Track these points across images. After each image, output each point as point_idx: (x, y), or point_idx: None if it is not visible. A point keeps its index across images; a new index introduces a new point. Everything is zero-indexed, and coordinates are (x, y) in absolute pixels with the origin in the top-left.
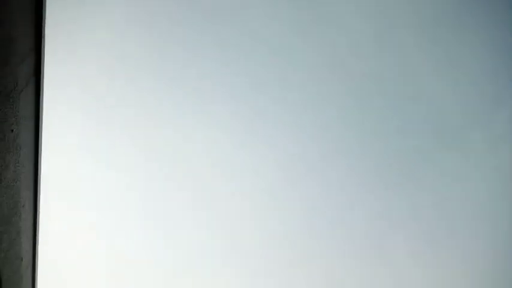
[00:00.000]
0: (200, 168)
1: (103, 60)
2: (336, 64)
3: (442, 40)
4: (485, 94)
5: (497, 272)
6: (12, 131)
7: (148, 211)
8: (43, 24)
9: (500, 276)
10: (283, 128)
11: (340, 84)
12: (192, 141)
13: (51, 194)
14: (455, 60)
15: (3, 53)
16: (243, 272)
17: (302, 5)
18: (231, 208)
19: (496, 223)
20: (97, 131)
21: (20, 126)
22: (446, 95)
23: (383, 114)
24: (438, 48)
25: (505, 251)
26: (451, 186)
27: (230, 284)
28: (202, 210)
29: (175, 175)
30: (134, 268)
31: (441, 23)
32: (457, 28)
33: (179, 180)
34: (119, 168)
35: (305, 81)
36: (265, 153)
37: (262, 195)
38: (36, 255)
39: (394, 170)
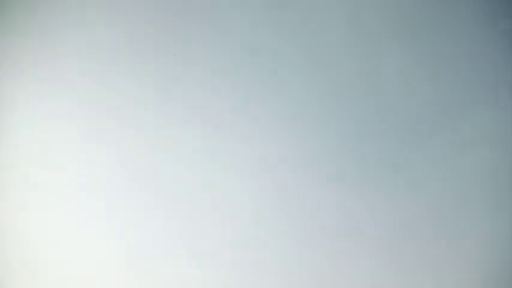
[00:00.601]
0: (191, 174)
1: (65, 59)
2: (322, 64)
3: (430, 37)
4: (476, 88)
5: (497, 273)
6: None
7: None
8: None
9: (501, 277)
10: (272, 130)
11: (327, 85)
12: (182, 145)
13: (4, 199)
14: (446, 56)
15: None
16: (244, 273)
17: (287, 5)
18: (231, 209)
19: (497, 223)
20: (57, 134)
21: None
22: (440, 89)
23: (372, 113)
24: (426, 45)
25: (507, 251)
26: (448, 185)
27: (231, 284)
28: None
29: (159, 178)
30: (86, 269)
31: (428, 19)
32: (444, 25)
33: (165, 185)
34: (81, 168)
35: (295, 83)
36: (255, 157)
37: (254, 197)
38: None
39: (388, 169)
